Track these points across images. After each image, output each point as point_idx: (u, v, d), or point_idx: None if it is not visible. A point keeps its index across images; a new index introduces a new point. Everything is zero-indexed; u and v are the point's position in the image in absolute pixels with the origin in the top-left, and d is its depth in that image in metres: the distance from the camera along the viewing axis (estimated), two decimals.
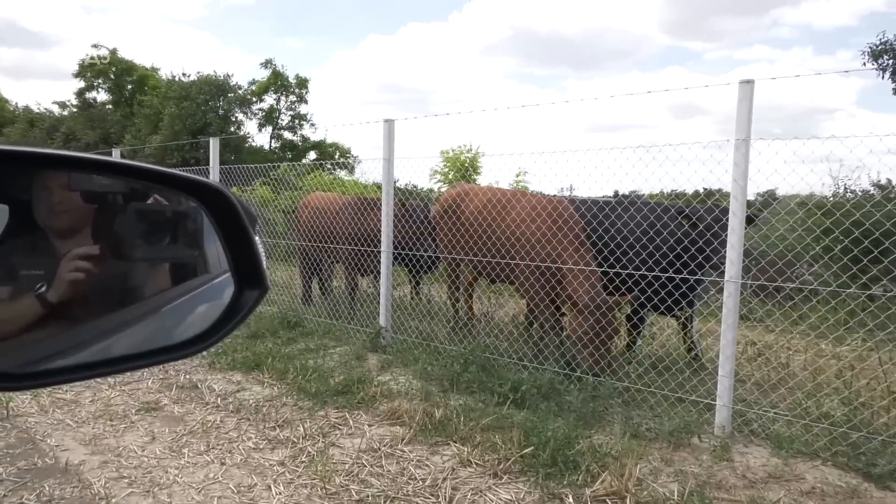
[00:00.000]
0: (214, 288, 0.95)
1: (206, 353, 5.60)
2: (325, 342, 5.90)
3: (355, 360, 5.35)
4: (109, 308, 0.88)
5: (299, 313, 6.48)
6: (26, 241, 0.85)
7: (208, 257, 0.95)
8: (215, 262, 0.95)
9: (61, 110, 33.75)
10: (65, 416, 4.25)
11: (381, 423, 4.08)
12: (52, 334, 0.79)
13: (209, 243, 0.94)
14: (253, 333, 6.11)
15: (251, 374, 5.08)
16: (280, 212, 12.10)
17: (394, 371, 5.12)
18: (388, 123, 5.48)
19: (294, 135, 28.17)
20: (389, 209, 5.56)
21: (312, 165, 15.46)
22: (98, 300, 0.85)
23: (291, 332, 6.20)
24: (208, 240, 0.94)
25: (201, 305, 0.96)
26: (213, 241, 0.93)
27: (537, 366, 4.65)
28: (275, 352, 5.48)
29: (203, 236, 0.94)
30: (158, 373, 5.17)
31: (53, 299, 0.77)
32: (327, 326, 6.25)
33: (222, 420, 4.18)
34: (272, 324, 6.28)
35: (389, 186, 5.53)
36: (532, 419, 3.84)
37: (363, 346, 5.70)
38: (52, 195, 0.84)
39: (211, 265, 0.96)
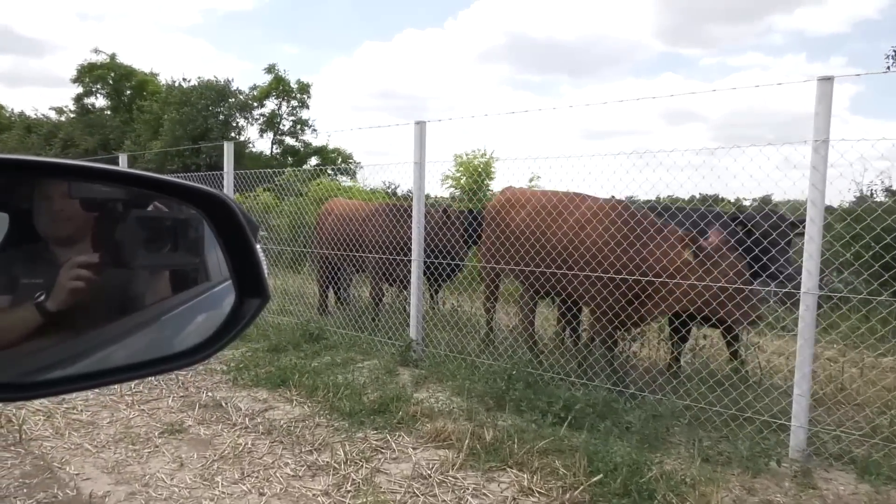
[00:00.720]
0: (215, 296, 0.94)
1: (229, 369, 5.30)
2: (351, 355, 5.60)
3: (386, 376, 5.05)
4: (109, 317, 0.87)
5: (321, 325, 6.17)
6: (27, 249, 0.83)
7: (209, 265, 0.94)
8: (216, 269, 0.94)
9: (58, 116, 33.45)
10: (82, 439, 3.95)
11: (426, 446, 3.79)
12: (51, 344, 0.78)
13: (210, 251, 0.93)
14: (274, 347, 5.80)
15: (277, 391, 4.78)
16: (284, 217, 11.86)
17: (430, 387, 4.83)
18: (420, 126, 5.21)
19: (296, 140, 27.91)
20: (420, 216, 5.28)
21: (317, 171, 15.20)
22: (98, 309, 0.84)
23: (314, 345, 5.90)
24: (209, 247, 0.93)
25: (201, 314, 0.96)
26: (214, 248, 0.92)
27: (586, 382, 4.37)
28: (300, 367, 5.18)
29: (204, 244, 0.93)
30: (178, 390, 4.86)
31: (53, 308, 0.75)
32: (352, 339, 5.96)
33: (254, 443, 3.88)
34: (294, 336, 5.98)
35: (421, 192, 5.26)
36: (593, 442, 3.55)
37: (392, 359, 5.41)
38: (52, 204, 0.83)
39: (211, 273, 0.95)
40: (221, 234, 0.92)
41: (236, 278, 0.92)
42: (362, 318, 6.30)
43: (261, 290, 0.91)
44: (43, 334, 0.77)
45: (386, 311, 6.49)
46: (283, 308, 7.64)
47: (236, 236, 0.90)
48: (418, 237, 5.29)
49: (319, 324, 6.16)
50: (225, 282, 0.93)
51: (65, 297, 0.77)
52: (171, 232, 0.95)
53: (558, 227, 4.89)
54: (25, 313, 0.76)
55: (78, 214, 0.83)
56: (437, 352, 5.38)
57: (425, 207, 5.68)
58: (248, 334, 6.33)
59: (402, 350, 5.38)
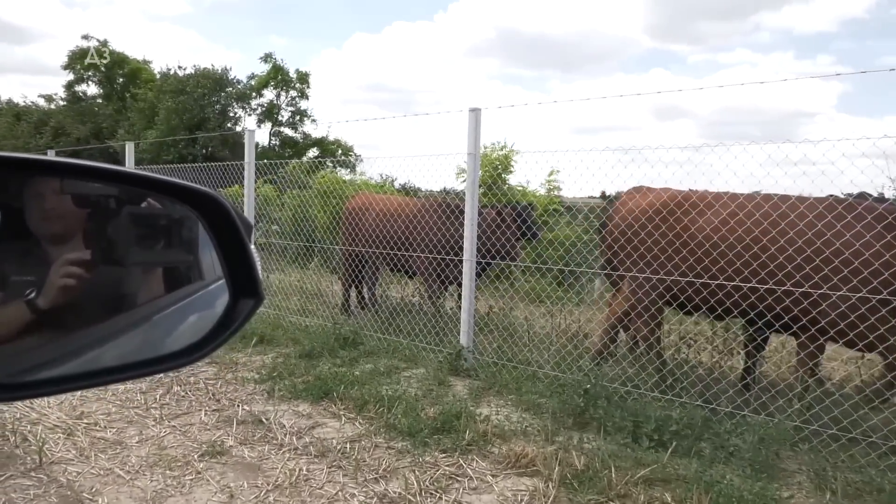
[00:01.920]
0: (208, 296, 0.93)
1: (261, 378, 4.83)
2: (394, 363, 5.14)
3: (438, 387, 4.60)
4: (101, 315, 0.86)
5: (357, 328, 5.70)
6: (18, 246, 0.81)
7: (203, 264, 0.93)
8: (209, 268, 0.93)
9: (47, 104, 32.50)
10: (111, 462, 3.47)
11: (507, 473, 3.35)
12: (42, 342, 0.77)
13: (204, 250, 0.92)
14: (307, 352, 5.33)
15: (321, 405, 4.32)
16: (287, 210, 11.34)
17: (490, 400, 4.38)
18: (475, 113, 4.75)
19: (294, 131, 27.23)
20: (474, 212, 4.82)
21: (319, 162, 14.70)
22: (90, 307, 0.83)
23: (351, 351, 5.43)
24: (203, 246, 0.92)
25: (195, 314, 0.94)
26: (208, 247, 0.91)
27: (672, 398, 3.94)
28: (341, 376, 4.71)
29: (198, 242, 0.92)
30: (209, 402, 4.39)
31: (44, 305, 0.75)
32: (392, 344, 5.49)
33: (309, 469, 3.42)
34: (328, 340, 5.50)
35: (474, 186, 4.80)
36: (705, 472, 3.12)
37: (440, 368, 4.95)
38: (43, 201, 0.81)
39: (205, 272, 0.94)
40: (215, 233, 0.90)
41: (230, 278, 0.90)
42: (397, 320, 5.83)
43: (254, 291, 0.90)
44: (33, 332, 0.75)
45: (423, 315, 6.03)
46: (304, 308, 7.16)
47: (230, 236, 0.89)
48: (471, 235, 4.84)
49: (354, 327, 5.68)
50: (218, 281, 0.92)
51: (56, 294, 0.76)
52: (165, 229, 0.93)
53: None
54: (15, 310, 0.75)
55: (70, 212, 0.82)
56: (489, 360, 4.94)
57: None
58: (276, 338, 5.86)
59: (450, 358, 4.93)
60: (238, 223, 0.88)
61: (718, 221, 4.18)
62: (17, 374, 0.74)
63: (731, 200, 4.24)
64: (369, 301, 7.10)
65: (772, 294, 3.94)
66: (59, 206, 0.81)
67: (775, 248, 3.89)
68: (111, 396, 4.49)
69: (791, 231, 3.88)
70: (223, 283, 0.91)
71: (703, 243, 4.18)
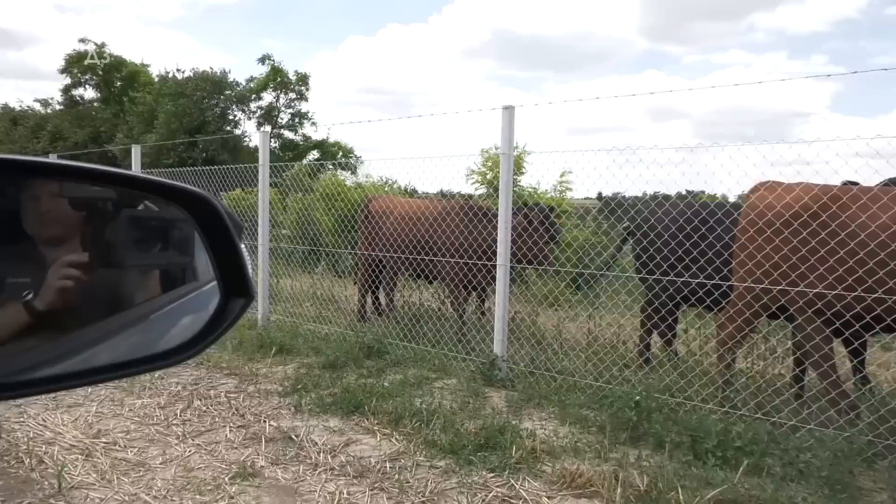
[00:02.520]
0: (202, 296, 0.94)
1: (285, 391, 4.59)
2: (424, 373, 4.91)
3: (474, 399, 4.37)
4: (97, 316, 0.86)
5: (381, 337, 5.46)
6: (15, 249, 0.82)
7: (197, 265, 0.94)
8: (204, 269, 0.93)
9: (44, 108, 32.19)
10: (136, 487, 3.23)
11: (563, 494, 3.12)
12: (39, 343, 0.78)
13: (199, 251, 0.93)
14: (331, 362, 5.10)
15: (352, 420, 4.08)
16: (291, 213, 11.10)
17: (531, 414, 4.16)
18: (508, 111, 4.53)
19: (294, 134, 26.97)
20: (508, 214, 4.60)
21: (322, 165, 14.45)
22: (87, 308, 0.83)
23: (377, 361, 5.20)
24: (198, 247, 0.92)
25: (188, 314, 0.95)
26: (202, 248, 0.92)
27: (729, 411, 3.72)
28: (371, 388, 4.48)
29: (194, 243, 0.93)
30: (233, 418, 4.15)
31: (41, 307, 0.75)
32: (419, 354, 5.26)
33: (349, 491, 3.18)
34: (352, 350, 5.27)
35: (508, 188, 4.58)
36: (779, 493, 2.90)
37: (473, 378, 4.73)
38: (40, 204, 0.82)
39: (200, 272, 0.95)
40: (206, 233, 0.90)
41: (221, 278, 0.91)
42: (422, 328, 5.60)
43: (245, 290, 0.90)
44: (31, 333, 0.75)
45: (448, 322, 5.80)
46: (320, 315, 6.93)
47: (221, 236, 0.89)
48: (505, 239, 4.61)
49: (377, 335, 5.45)
50: (212, 282, 0.92)
51: (53, 296, 0.76)
52: (162, 231, 0.94)
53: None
54: (13, 312, 0.75)
55: (66, 214, 0.82)
56: (524, 370, 4.71)
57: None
58: (296, 347, 5.63)
59: (483, 368, 4.70)
60: (228, 223, 0.88)
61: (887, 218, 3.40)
62: (14, 373, 0.74)
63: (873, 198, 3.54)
64: (387, 307, 6.86)
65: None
66: (55, 209, 0.81)
67: None
68: (128, 413, 4.25)
69: None
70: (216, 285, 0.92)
71: (866, 244, 3.43)
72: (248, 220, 9.08)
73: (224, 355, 5.58)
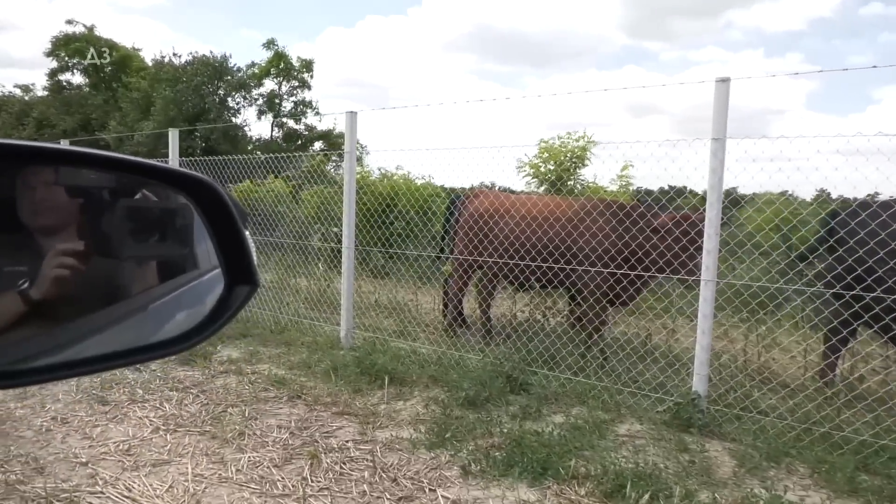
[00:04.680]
0: (204, 284, 0.93)
1: (430, 441, 3.58)
2: (592, 414, 3.92)
3: (684, 453, 3.40)
4: (95, 305, 0.86)
5: (522, 365, 4.45)
6: (10, 238, 0.80)
7: (198, 254, 0.93)
8: (205, 258, 0.93)
9: (24, 94, 30.41)
10: None
11: None
12: (36, 332, 0.77)
13: (199, 240, 0.92)
14: (470, 399, 4.08)
15: (546, 486, 3.09)
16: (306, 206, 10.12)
17: (777, 477, 3.19)
18: (723, 83, 3.53)
19: (296, 123, 25.60)
20: (717, 217, 3.61)
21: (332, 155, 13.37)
22: (83, 298, 0.83)
23: (524, 396, 4.20)
24: (198, 236, 0.91)
25: (189, 303, 0.95)
26: (203, 237, 0.91)
27: None
28: (545, 439, 3.49)
29: (193, 233, 0.92)
30: (388, 485, 3.13)
31: (36, 296, 0.75)
32: (580, 387, 4.26)
33: None
34: (490, 381, 4.25)
35: (721, 182, 3.59)
36: None
37: (660, 420, 3.76)
38: (35, 192, 0.79)
39: (200, 261, 0.94)
40: (210, 220, 0.89)
41: (225, 265, 0.90)
42: (557, 350, 4.61)
43: (250, 278, 0.89)
44: (27, 323, 0.74)
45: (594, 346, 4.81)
46: (404, 330, 5.91)
47: (225, 223, 0.88)
48: (713, 247, 3.62)
49: (516, 362, 4.44)
50: (213, 270, 0.91)
51: (49, 285, 0.75)
52: (160, 221, 0.92)
53: None
54: (8, 301, 0.74)
55: (62, 203, 0.81)
56: (728, 410, 3.74)
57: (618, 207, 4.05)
58: (408, 376, 4.60)
59: (678, 408, 3.73)
60: (233, 210, 0.87)
61: None
62: (12, 362, 0.73)
63: None
64: (486, 321, 5.85)
65: None
66: (50, 198, 0.80)
67: None
68: (237, 475, 3.21)
69: None
70: (218, 273, 0.90)
71: None
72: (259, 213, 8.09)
73: (317, 384, 4.55)
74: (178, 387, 4.56)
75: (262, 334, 5.86)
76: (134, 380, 4.71)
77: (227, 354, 5.30)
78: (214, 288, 0.91)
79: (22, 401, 4.28)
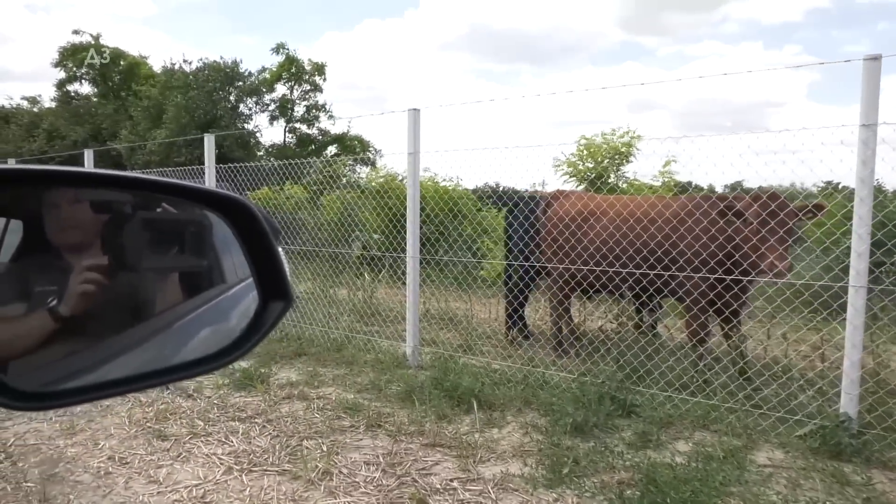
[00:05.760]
0: (231, 299, 0.93)
1: (550, 479, 3.13)
2: (722, 441, 3.46)
3: (844, 486, 2.94)
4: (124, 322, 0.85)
5: (624, 383, 3.99)
6: (41, 257, 0.83)
7: (224, 267, 0.94)
8: (231, 272, 0.93)
9: (31, 106, 30.11)
10: None
11: None
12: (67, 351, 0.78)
13: (224, 253, 0.92)
14: (578, 426, 3.62)
15: None
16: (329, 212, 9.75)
17: None
18: (873, 62, 3.08)
19: (309, 128, 25.17)
20: (868, 213, 3.15)
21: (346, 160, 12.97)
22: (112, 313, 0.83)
23: (633, 420, 3.75)
24: (222, 249, 0.92)
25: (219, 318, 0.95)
26: (228, 250, 0.91)
27: None
28: (682, 474, 3.04)
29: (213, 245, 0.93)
30: None
31: (65, 313, 0.75)
32: (698, 408, 3.80)
33: None
34: (597, 404, 3.79)
35: (871, 173, 3.13)
36: None
37: (804, 447, 3.30)
38: (60, 211, 0.82)
39: (227, 275, 0.94)
40: (244, 237, 0.90)
41: (259, 282, 0.90)
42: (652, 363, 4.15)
43: (284, 294, 0.90)
44: (57, 341, 0.75)
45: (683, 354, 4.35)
46: (470, 345, 5.47)
47: (258, 240, 0.89)
48: (864, 250, 3.16)
49: (624, 383, 3.98)
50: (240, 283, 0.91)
51: (76, 300, 0.76)
52: (179, 233, 0.93)
53: None
54: (39, 319, 0.75)
55: (86, 220, 0.82)
56: (889, 435, 3.28)
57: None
58: (493, 397, 4.15)
59: (820, 433, 3.27)
60: (266, 227, 0.88)
61: None
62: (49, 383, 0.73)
63: None
64: (559, 333, 5.40)
65: None
66: (75, 215, 0.81)
67: None
68: None
69: None
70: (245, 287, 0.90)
71: None
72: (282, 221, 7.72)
73: (394, 409, 4.11)
74: (241, 416, 4.13)
75: (319, 353, 5.42)
76: (189, 409, 4.28)
77: (286, 377, 4.87)
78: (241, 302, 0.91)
79: (71, 437, 3.86)
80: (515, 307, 5.68)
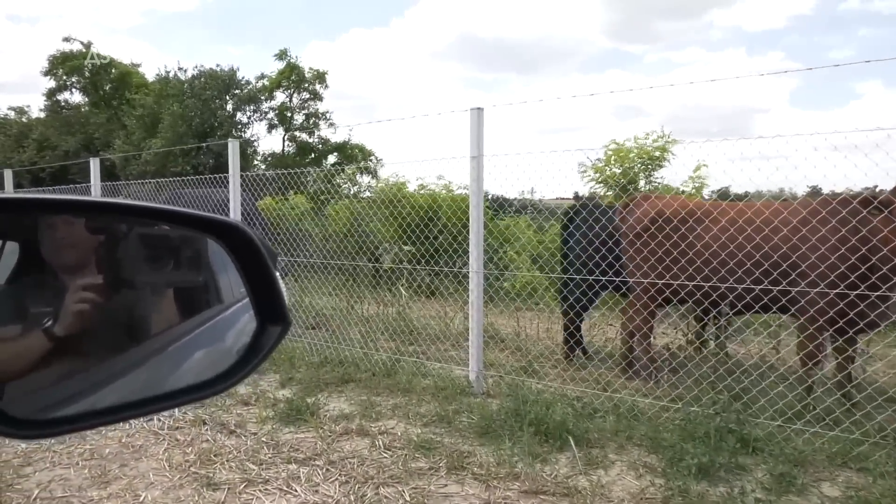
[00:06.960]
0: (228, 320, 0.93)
1: None
2: (857, 481, 2.99)
3: None
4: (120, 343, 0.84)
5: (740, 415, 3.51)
6: (37, 278, 0.83)
7: (220, 285, 0.93)
8: (227, 290, 0.92)
9: (19, 116, 29.32)
10: None
11: None
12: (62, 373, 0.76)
13: (221, 273, 0.91)
14: (703, 467, 3.13)
15: None
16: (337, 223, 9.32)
17: None
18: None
19: (309, 136, 24.60)
20: None
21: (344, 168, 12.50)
22: (107, 334, 0.81)
23: (758, 458, 3.27)
24: (219, 269, 0.91)
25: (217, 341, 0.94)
26: (223, 270, 0.90)
27: None
28: None
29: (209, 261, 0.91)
30: None
31: (60, 333, 0.74)
32: (836, 444, 3.32)
33: None
34: (720, 441, 3.31)
35: None
36: None
37: None
38: (56, 232, 0.82)
39: (223, 294, 0.93)
40: (241, 262, 0.89)
41: (256, 305, 0.89)
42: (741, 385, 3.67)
43: (282, 317, 0.89)
44: (52, 363, 0.73)
45: None
46: (528, 367, 4.99)
47: (256, 265, 0.88)
48: None
49: (745, 415, 3.50)
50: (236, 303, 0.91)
51: (71, 320, 0.74)
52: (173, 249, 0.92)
53: None
54: (34, 340, 0.74)
55: (82, 240, 0.82)
56: None
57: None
58: (586, 432, 3.67)
59: None
60: (262, 251, 0.87)
61: None
62: (40, 409, 0.71)
63: None
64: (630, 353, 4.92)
65: None
66: (71, 236, 0.81)
67: None
68: None
69: None
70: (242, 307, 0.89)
71: None
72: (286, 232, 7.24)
73: (474, 447, 3.61)
74: (297, 457, 3.61)
75: (367, 379, 4.90)
76: (235, 448, 3.75)
77: (337, 408, 4.34)
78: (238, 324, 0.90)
79: (105, 487, 3.32)
80: (578, 324, 5.20)
